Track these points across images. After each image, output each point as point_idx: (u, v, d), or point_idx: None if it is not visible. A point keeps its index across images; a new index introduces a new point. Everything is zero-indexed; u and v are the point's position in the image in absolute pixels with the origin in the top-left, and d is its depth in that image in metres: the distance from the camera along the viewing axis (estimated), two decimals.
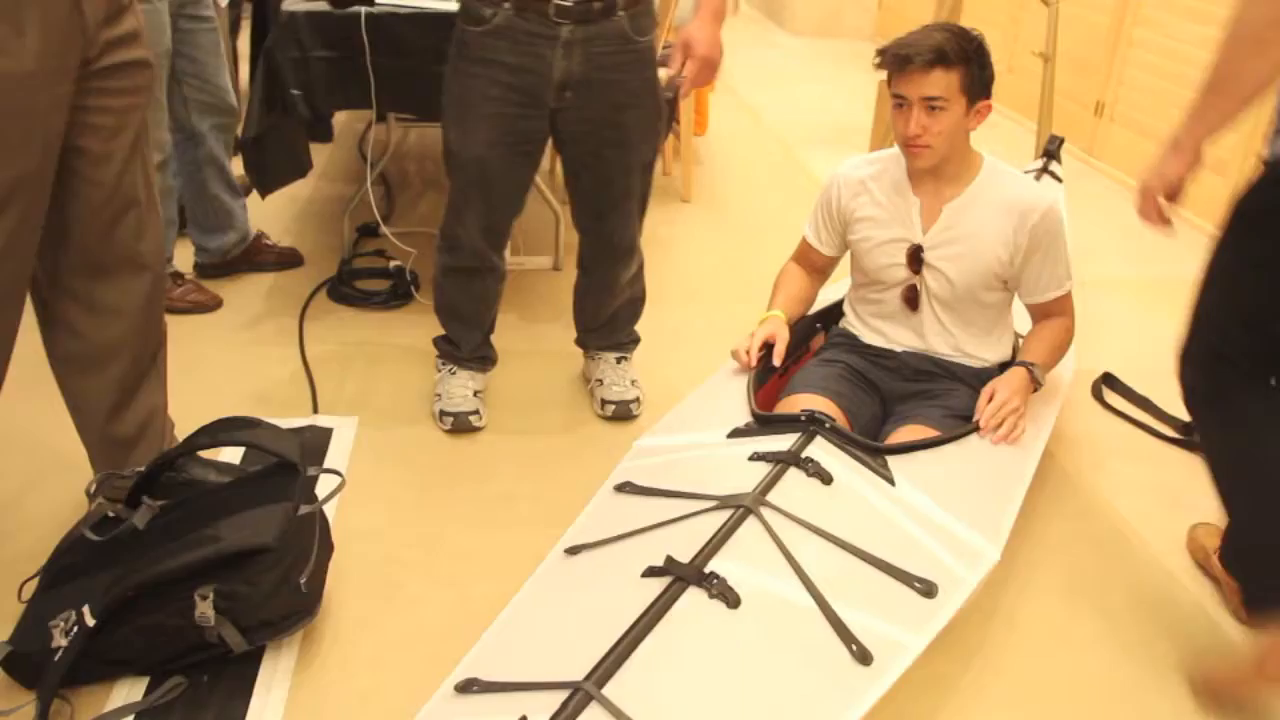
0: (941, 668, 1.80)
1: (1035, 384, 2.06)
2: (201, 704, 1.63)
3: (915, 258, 2.09)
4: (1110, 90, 4.64)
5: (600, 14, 2.09)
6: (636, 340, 2.65)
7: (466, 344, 2.48)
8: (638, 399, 2.53)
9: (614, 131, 2.22)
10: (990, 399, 2.00)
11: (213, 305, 2.98)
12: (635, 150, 2.28)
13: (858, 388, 2.15)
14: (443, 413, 2.43)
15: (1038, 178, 2.94)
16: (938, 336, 2.16)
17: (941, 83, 1.93)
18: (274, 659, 1.73)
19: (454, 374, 2.49)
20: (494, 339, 2.56)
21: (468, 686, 1.37)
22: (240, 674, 1.69)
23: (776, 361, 2.11)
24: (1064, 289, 2.12)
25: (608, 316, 2.56)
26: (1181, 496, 2.35)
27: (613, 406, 2.51)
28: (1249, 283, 1.78)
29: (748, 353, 2.10)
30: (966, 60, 1.94)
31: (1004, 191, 2.07)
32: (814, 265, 2.29)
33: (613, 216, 2.36)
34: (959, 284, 2.09)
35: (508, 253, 2.53)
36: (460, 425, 2.42)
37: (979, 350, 2.17)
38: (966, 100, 1.97)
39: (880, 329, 2.21)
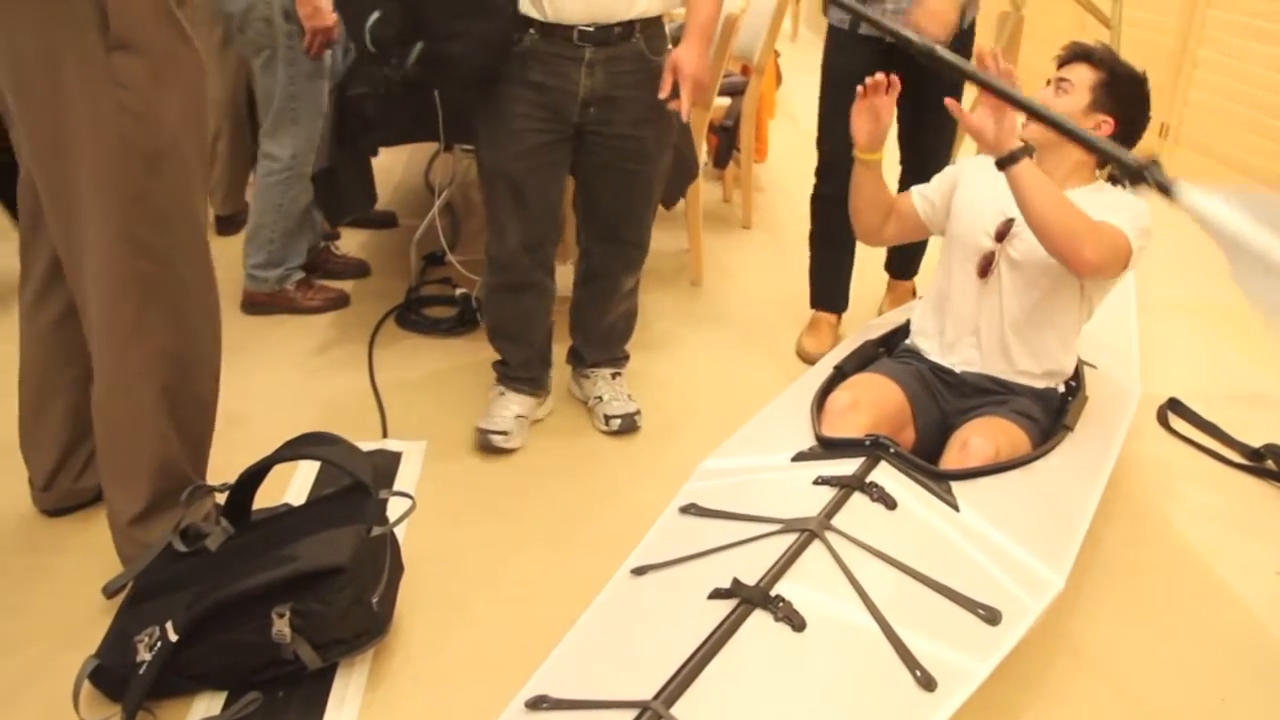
0: (1004, 695, 1.79)
1: (1023, 146, 1.95)
2: (277, 718, 1.68)
3: (1003, 231, 2.13)
4: (1175, 112, 4.60)
5: (619, 37, 2.21)
6: (628, 357, 2.73)
7: (514, 361, 2.55)
8: (639, 410, 2.59)
9: (635, 144, 2.32)
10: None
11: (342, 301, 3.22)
12: (654, 161, 2.39)
13: (925, 389, 2.19)
14: (478, 429, 2.48)
15: None
16: (1001, 317, 2.14)
17: (1079, 72, 2.14)
18: (346, 676, 1.78)
19: (502, 395, 2.56)
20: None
21: (538, 703, 1.40)
22: (314, 690, 1.73)
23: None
24: (1122, 227, 2.00)
25: (606, 328, 2.63)
26: (1250, 523, 2.31)
27: (618, 420, 2.56)
28: None
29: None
30: (1111, 71, 2.13)
31: (1108, 195, 2.13)
32: (898, 209, 2.34)
33: (628, 226, 2.46)
34: (1038, 250, 2.03)
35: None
36: (485, 444, 2.46)
37: (1038, 345, 2.14)
38: (1091, 99, 2.11)
39: (945, 337, 2.23)
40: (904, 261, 3.27)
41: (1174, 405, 2.76)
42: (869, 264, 3.19)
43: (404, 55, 2.16)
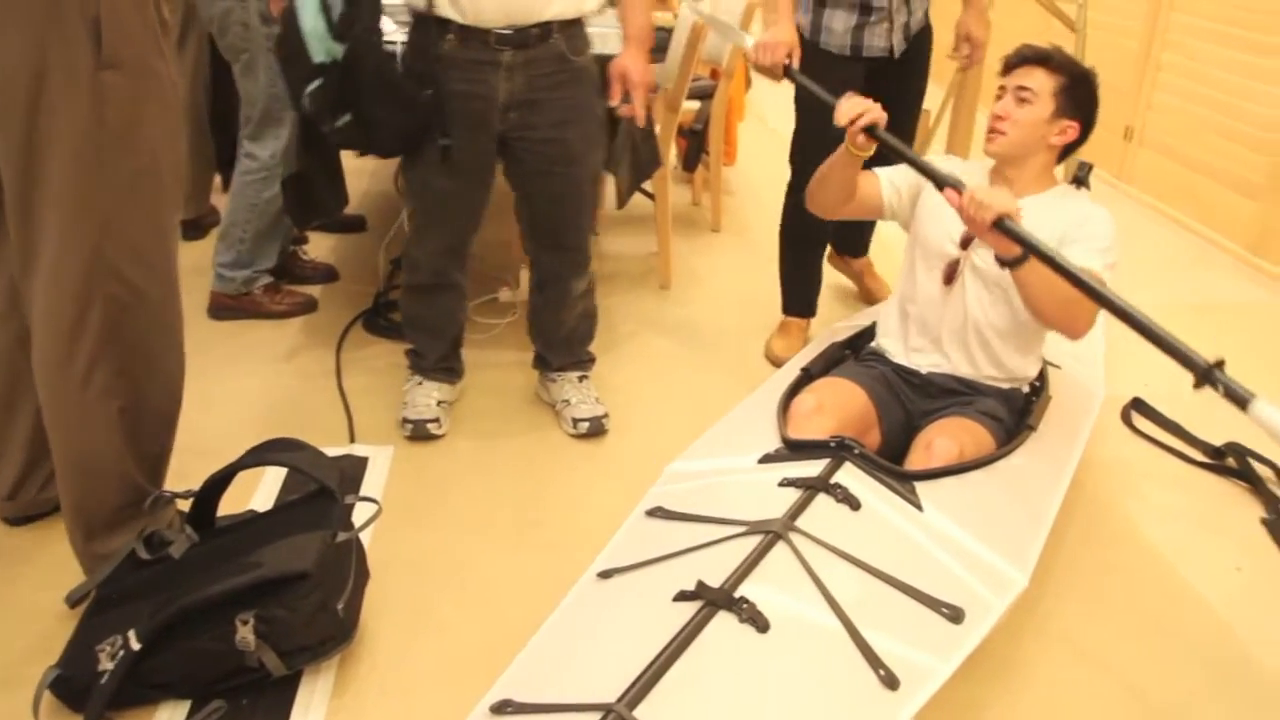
0: (968, 692, 1.80)
1: (1015, 236, 1.85)
2: None
3: (970, 236, 2.13)
4: (1139, 115, 4.64)
5: (537, 39, 2.22)
6: (594, 359, 2.74)
7: (431, 355, 2.60)
8: (607, 413, 2.60)
9: (560, 147, 2.33)
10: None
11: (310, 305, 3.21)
12: (582, 164, 2.39)
13: (890, 392, 2.20)
14: (404, 420, 2.52)
15: None
16: (965, 323, 2.15)
17: (1037, 79, 2.10)
18: (312, 683, 1.77)
19: (420, 384, 2.59)
20: (516, 367, 2.65)
21: (502, 707, 1.40)
22: (279, 697, 1.72)
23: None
24: (1099, 269, 1.97)
25: (566, 333, 2.64)
26: (1212, 521, 2.34)
27: (586, 424, 2.57)
28: None
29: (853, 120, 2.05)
30: (1070, 74, 2.11)
31: (1071, 203, 2.14)
32: (861, 186, 2.26)
33: (567, 230, 2.47)
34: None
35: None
36: (419, 433, 2.51)
37: (1003, 351, 2.16)
38: (1055, 106, 2.09)
39: (910, 342, 2.24)
40: (853, 240, 3.30)
41: (1137, 405, 2.79)
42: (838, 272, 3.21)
43: (334, 121, 2.22)
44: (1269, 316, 3.54)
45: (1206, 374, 1.64)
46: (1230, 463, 2.54)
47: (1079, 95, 2.11)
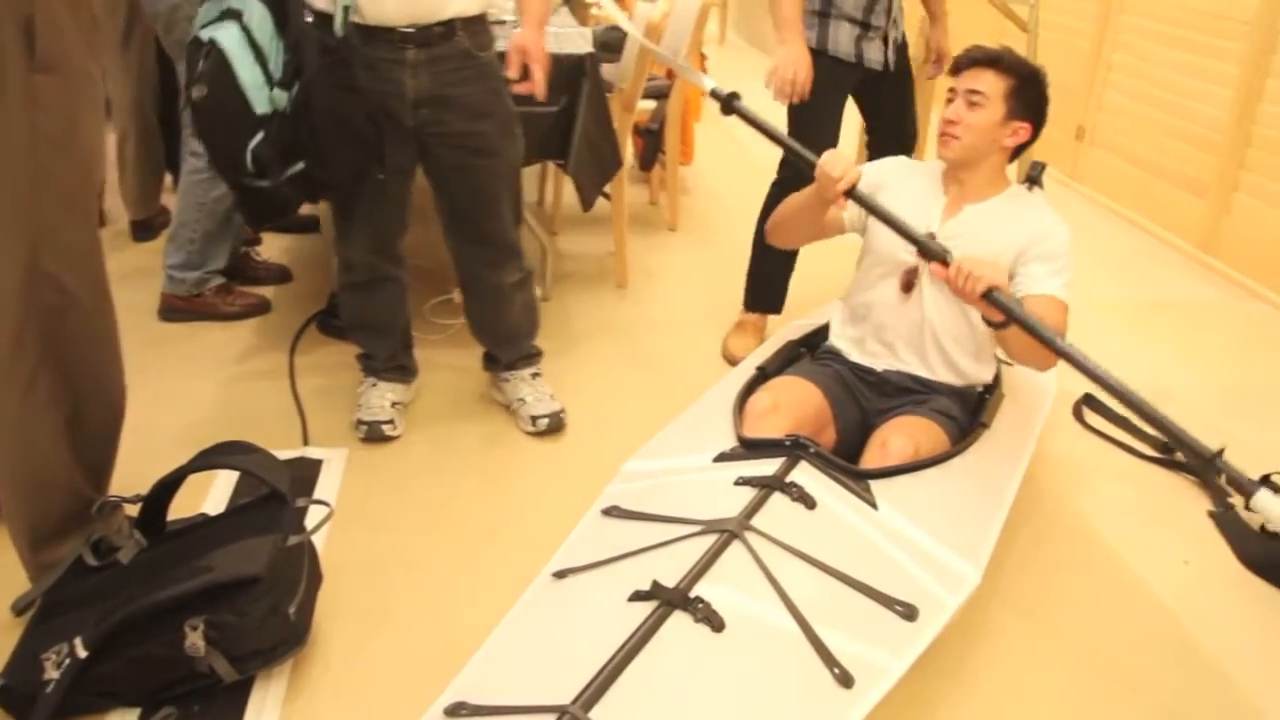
0: (922, 688, 1.81)
1: (1003, 308, 1.89)
2: None
3: None
4: (1090, 115, 4.71)
5: (441, 37, 2.23)
6: (541, 352, 2.74)
7: (381, 354, 2.59)
8: (564, 409, 2.60)
9: (476, 139, 2.34)
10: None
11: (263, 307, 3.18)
12: (500, 156, 2.40)
13: (845, 390, 2.21)
14: (359, 422, 2.51)
15: None
16: (921, 330, 2.17)
17: (988, 81, 2.10)
18: (264, 688, 1.74)
19: (374, 386, 2.59)
20: (470, 368, 2.67)
21: (456, 710, 1.39)
22: (231, 703, 1.70)
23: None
24: (1059, 294, 2.06)
25: (508, 329, 2.64)
26: (1161, 514, 2.38)
27: (545, 420, 2.57)
28: None
29: (844, 173, 2.04)
30: (1019, 76, 2.11)
31: (1027, 210, 2.15)
32: (825, 216, 2.29)
33: (489, 223, 2.47)
34: None
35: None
36: (374, 434, 2.50)
37: (959, 357, 2.18)
38: (1006, 109, 2.09)
39: (866, 346, 2.25)
40: None
41: (1089, 400, 2.83)
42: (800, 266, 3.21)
43: (283, 172, 2.21)
44: (1218, 314, 3.60)
45: (1210, 463, 1.70)
46: (1179, 457, 2.58)
47: (1029, 96, 2.12)
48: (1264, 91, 3.68)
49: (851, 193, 2.04)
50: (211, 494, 2.26)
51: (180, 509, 1.95)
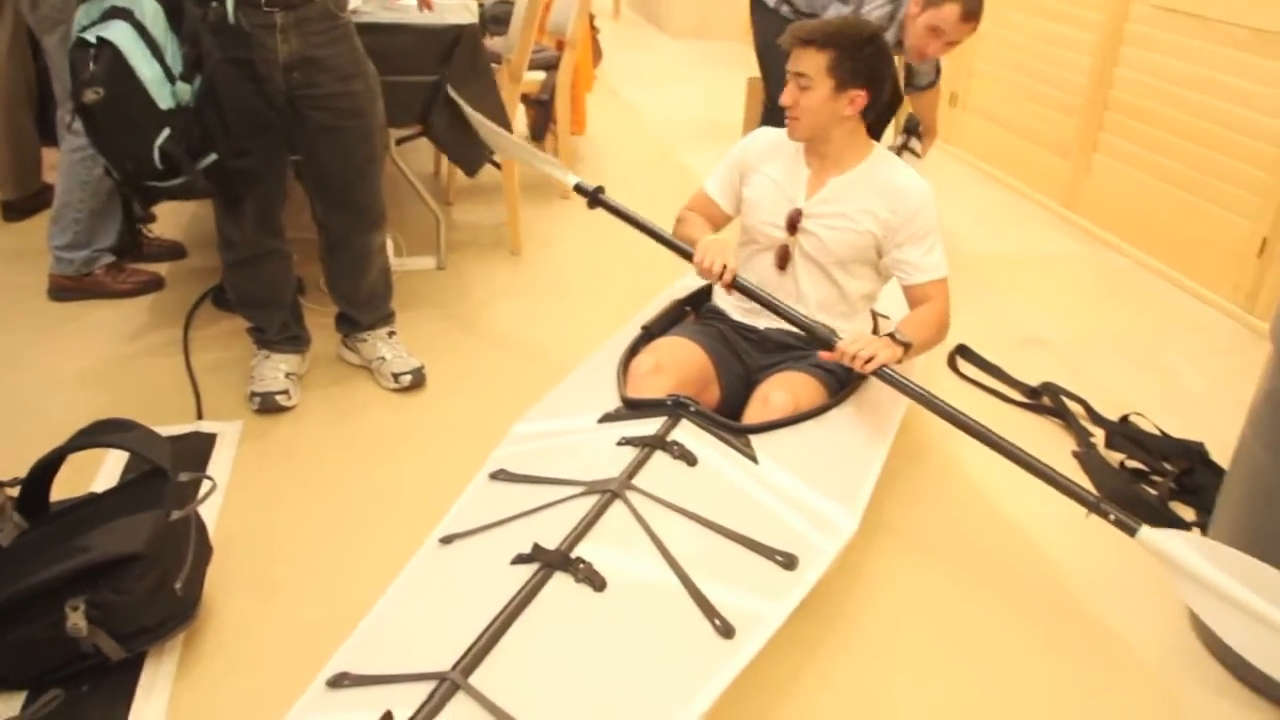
0: (806, 631, 1.88)
1: (901, 347, 2.03)
2: (82, 714, 1.64)
3: (794, 222, 2.19)
4: (962, 82, 4.88)
5: None
6: (394, 313, 2.77)
7: (272, 326, 2.59)
8: (423, 365, 2.66)
9: (347, 100, 2.36)
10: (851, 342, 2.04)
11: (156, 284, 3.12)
12: (370, 116, 2.43)
13: (728, 348, 2.25)
14: (252, 394, 2.52)
15: (898, 153, 3.11)
16: (798, 301, 2.22)
17: (808, 61, 2.08)
18: (155, 665, 1.74)
19: (268, 358, 2.59)
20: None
21: (339, 681, 1.40)
22: (121, 682, 1.70)
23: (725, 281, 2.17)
24: (937, 274, 2.15)
25: (369, 291, 2.67)
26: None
27: (408, 376, 2.62)
28: None
29: (724, 267, 2.14)
30: (838, 46, 2.06)
31: (886, 175, 2.17)
32: (710, 218, 2.36)
33: (360, 185, 2.49)
34: (830, 251, 2.17)
35: (391, 249, 2.64)
36: (267, 405, 2.50)
37: (834, 319, 2.23)
38: (834, 83, 2.07)
39: (747, 306, 2.29)
40: None
41: (962, 351, 2.93)
42: None
43: (195, 165, 2.19)
44: (1079, 265, 3.81)
45: (1095, 506, 1.86)
46: (1046, 401, 2.70)
47: (855, 64, 2.07)
48: (1119, 58, 3.87)
49: (734, 284, 2.14)
50: (101, 473, 2.23)
51: (70, 488, 1.92)
